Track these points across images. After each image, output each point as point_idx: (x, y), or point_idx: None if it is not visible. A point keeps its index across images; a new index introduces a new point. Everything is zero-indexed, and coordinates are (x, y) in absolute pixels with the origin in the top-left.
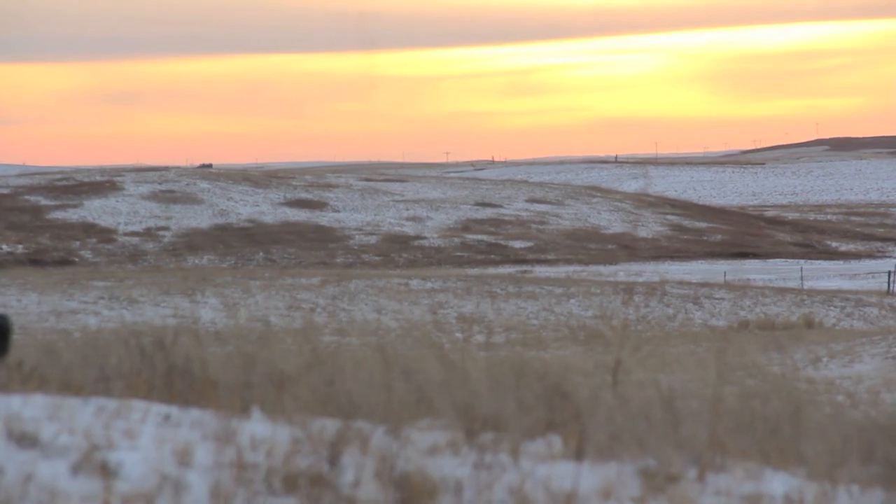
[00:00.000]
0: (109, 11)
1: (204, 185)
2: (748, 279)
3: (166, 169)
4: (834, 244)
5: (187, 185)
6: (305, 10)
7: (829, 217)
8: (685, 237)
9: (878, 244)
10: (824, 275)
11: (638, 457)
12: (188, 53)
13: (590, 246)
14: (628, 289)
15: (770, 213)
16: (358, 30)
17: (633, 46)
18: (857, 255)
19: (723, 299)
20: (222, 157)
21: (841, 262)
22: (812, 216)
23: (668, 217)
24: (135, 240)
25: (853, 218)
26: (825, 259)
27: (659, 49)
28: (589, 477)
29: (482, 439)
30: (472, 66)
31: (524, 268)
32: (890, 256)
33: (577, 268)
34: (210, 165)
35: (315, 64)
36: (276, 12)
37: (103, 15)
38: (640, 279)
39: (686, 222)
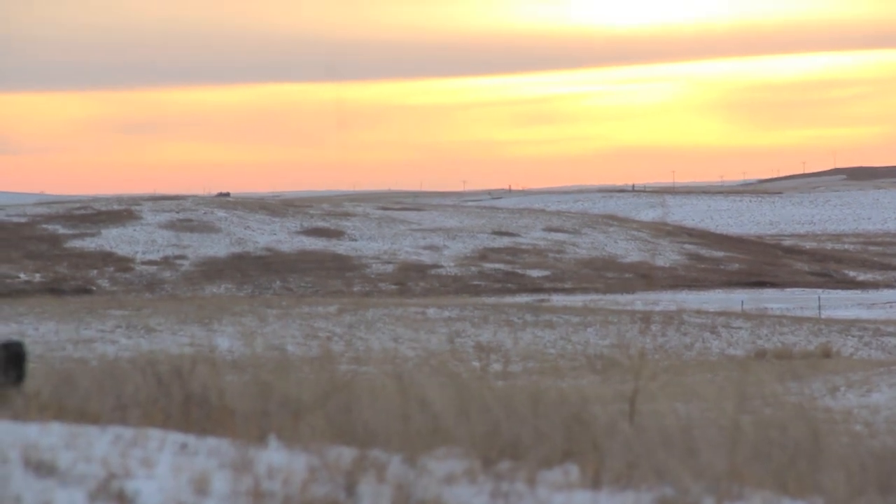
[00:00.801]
0: (126, 40)
1: (221, 213)
2: (765, 308)
3: (184, 198)
4: (852, 273)
5: (204, 213)
6: (322, 39)
7: (846, 246)
8: (702, 266)
9: None
10: (842, 304)
11: (655, 486)
12: (205, 82)
13: (607, 275)
14: (645, 318)
15: (787, 243)
16: (375, 59)
17: (648, 76)
18: (875, 285)
19: (740, 328)
20: (239, 186)
21: (859, 291)
22: (829, 245)
23: (686, 246)
24: (152, 268)
25: (871, 247)
26: (843, 288)
27: (675, 78)
28: None
29: (499, 468)
30: (489, 94)
31: (541, 296)
32: None
33: (595, 297)
34: (227, 194)
35: (332, 93)
36: (292, 42)
37: (120, 44)
38: (658, 308)
39: (703, 251)
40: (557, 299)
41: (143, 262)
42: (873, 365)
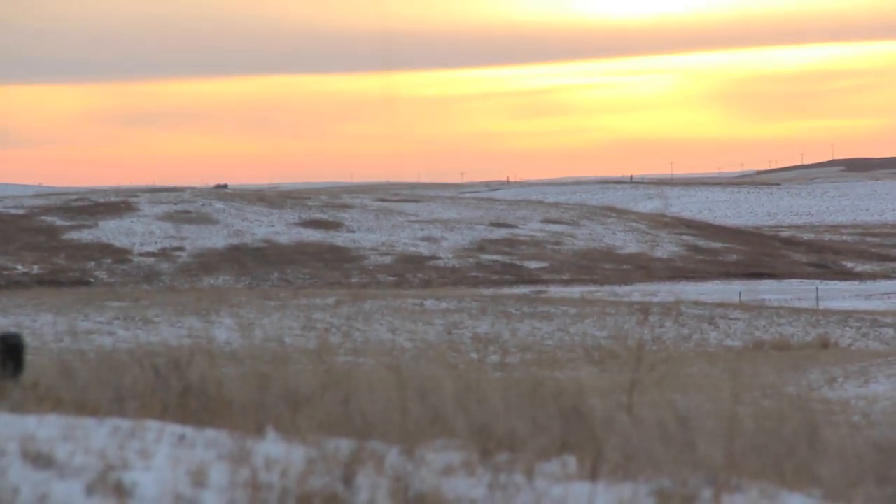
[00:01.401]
0: (125, 33)
1: (219, 205)
2: (763, 299)
3: (182, 189)
4: (849, 265)
5: (202, 205)
6: (320, 31)
7: (844, 238)
8: (700, 257)
9: (894, 265)
10: (840, 295)
11: (653, 477)
12: (204, 74)
13: (605, 266)
14: (643, 309)
15: (785, 234)
16: (373, 51)
17: (647, 67)
18: (873, 276)
19: (738, 319)
20: (237, 178)
21: (856, 282)
22: (827, 237)
23: (684, 237)
24: (150, 260)
25: (869, 238)
26: (841, 279)
27: (673, 70)
28: (603, 497)
29: (497, 460)
30: (488, 86)
31: (539, 288)
32: None
33: (592, 288)
34: (225, 186)
35: (330, 85)
36: (292, 33)
37: (119, 36)
38: (656, 299)
39: (701, 242)
40: (555, 291)
41: (141, 254)
42: (871, 356)
